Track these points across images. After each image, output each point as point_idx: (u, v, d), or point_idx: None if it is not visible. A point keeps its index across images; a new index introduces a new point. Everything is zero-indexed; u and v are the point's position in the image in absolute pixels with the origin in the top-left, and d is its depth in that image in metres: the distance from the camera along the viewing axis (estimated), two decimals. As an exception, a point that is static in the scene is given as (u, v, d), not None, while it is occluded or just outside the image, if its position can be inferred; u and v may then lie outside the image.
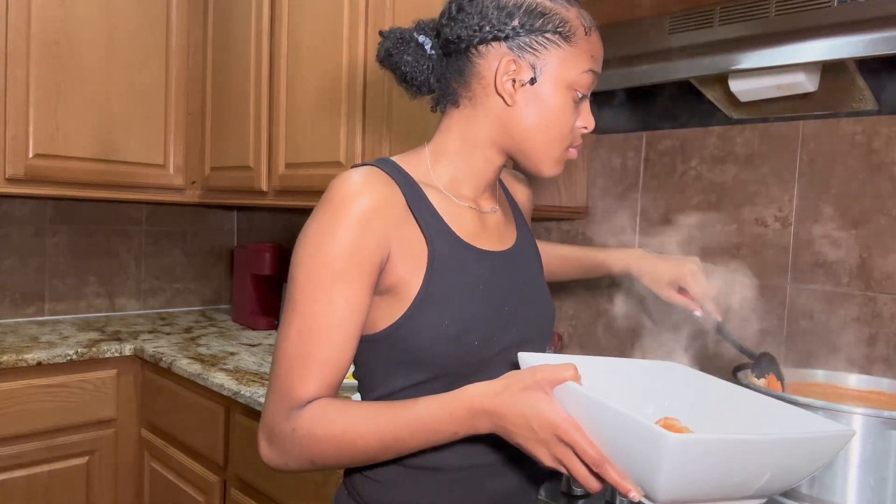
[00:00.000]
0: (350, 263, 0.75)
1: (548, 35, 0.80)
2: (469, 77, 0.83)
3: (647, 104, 1.53)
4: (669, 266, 1.10)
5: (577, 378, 0.65)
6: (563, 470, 0.66)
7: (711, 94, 1.32)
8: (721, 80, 1.22)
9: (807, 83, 1.12)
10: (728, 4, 1.12)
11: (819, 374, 1.16)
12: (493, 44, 0.80)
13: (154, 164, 2.32)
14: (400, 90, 1.62)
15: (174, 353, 1.96)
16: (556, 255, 1.21)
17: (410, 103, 1.61)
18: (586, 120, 0.85)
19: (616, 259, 1.16)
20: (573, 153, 0.86)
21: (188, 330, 2.35)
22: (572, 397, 0.64)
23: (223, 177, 2.27)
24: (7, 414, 1.83)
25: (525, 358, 0.75)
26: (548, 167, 0.85)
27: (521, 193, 1.04)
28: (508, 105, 0.82)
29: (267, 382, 0.80)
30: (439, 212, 0.83)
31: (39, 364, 1.88)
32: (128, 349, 2.06)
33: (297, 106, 1.95)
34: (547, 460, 0.66)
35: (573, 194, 1.62)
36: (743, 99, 1.22)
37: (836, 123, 1.27)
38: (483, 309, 0.82)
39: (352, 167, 0.83)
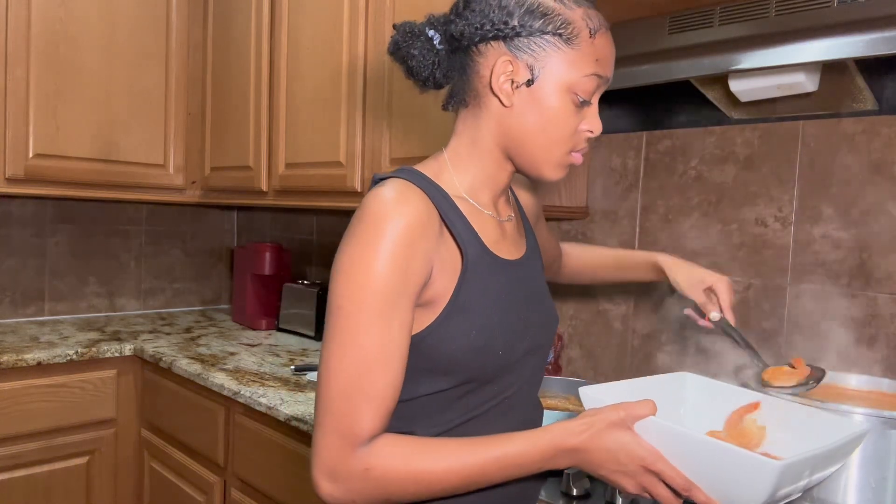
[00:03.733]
0: (399, 289, 0.73)
1: (547, 37, 0.78)
2: (471, 75, 0.83)
3: (647, 104, 1.52)
4: (706, 272, 1.15)
5: (655, 412, 0.71)
6: (646, 495, 0.73)
7: (711, 94, 1.32)
8: (721, 80, 1.22)
9: (807, 83, 1.12)
10: (728, 4, 1.12)
11: (819, 374, 1.16)
12: (492, 43, 0.80)
13: (154, 164, 2.32)
14: (400, 90, 1.63)
15: (174, 353, 1.96)
16: (601, 259, 1.27)
17: (411, 103, 1.61)
18: (592, 124, 0.83)
19: (662, 258, 1.20)
20: (577, 158, 0.85)
21: (188, 330, 2.35)
22: (656, 431, 0.70)
23: (223, 177, 2.27)
24: (7, 414, 1.83)
25: (587, 392, 0.82)
26: (549, 171, 0.84)
27: (526, 199, 1.04)
28: (505, 106, 0.81)
29: (312, 416, 0.79)
30: (469, 221, 0.83)
31: (39, 364, 1.88)
32: (128, 349, 2.06)
33: (297, 106, 1.95)
34: (632, 488, 0.73)
35: (573, 194, 1.62)
36: (743, 99, 1.22)
37: (836, 123, 1.27)
38: (505, 317, 0.83)
39: (378, 179, 0.82)
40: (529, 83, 0.79)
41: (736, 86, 1.19)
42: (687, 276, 1.15)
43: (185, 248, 2.77)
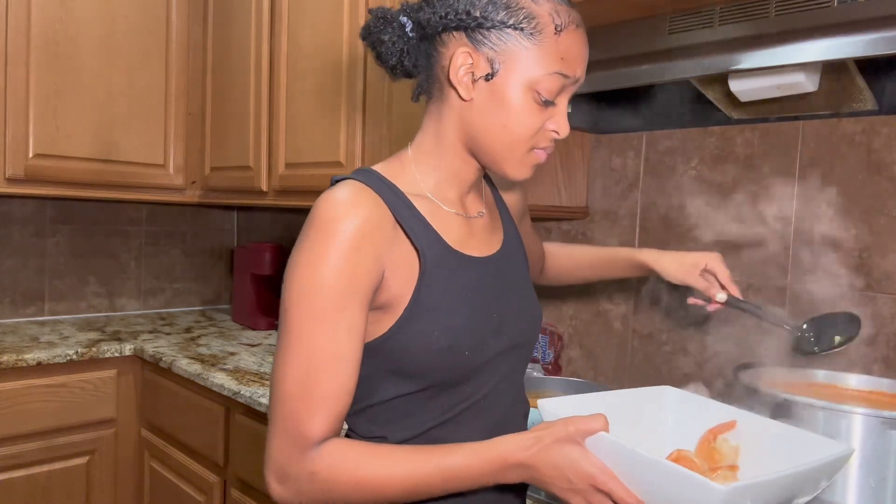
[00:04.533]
0: (347, 292, 0.73)
1: (509, 30, 0.75)
2: (434, 66, 0.81)
3: (647, 104, 1.52)
4: (693, 254, 1.11)
5: (606, 427, 0.67)
6: None
7: (711, 94, 1.32)
8: (721, 80, 1.22)
9: (807, 83, 1.12)
10: (728, 4, 1.12)
11: (819, 374, 1.16)
12: (454, 33, 0.77)
13: (154, 164, 2.32)
14: (400, 90, 1.63)
15: (174, 353, 1.96)
16: (583, 258, 1.22)
17: (411, 103, 1.60)
18: (558, 124, 0.79)
19: (645, 254, 1.15)
20: (540, 155, 0.81)
21: (188, 330, 2.35)
22: (607, 448, 0.67)
23: (223, 177, 2.27)
24: (7, 414, 1.83)
25: (545, 405, 0.77)
26: (511, 169, 0.81)
27: (510, 195, 1.01)
28: (464, 99, 0.79)
29: (268, 408, 0.79)
30: (428, 220, 0.80)
31: (39, 364, 1.88)
32: (128, 349, 2.06)
33: (297, 106, 1.94)
34: None
35: (573, 194, 1.62)
36: (743, 99, 1.22)
37: (836, 123, 1.27)
38: (473, 317, 0.81)
39: (333, 181, 0.80)
40: (489, 77, 0.76)
41: (736, 86, 1.19)
42: (678, 265, 1.11)
43: (185, 248, 2.77)
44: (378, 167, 0.84)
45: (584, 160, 1.64)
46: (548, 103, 0.77)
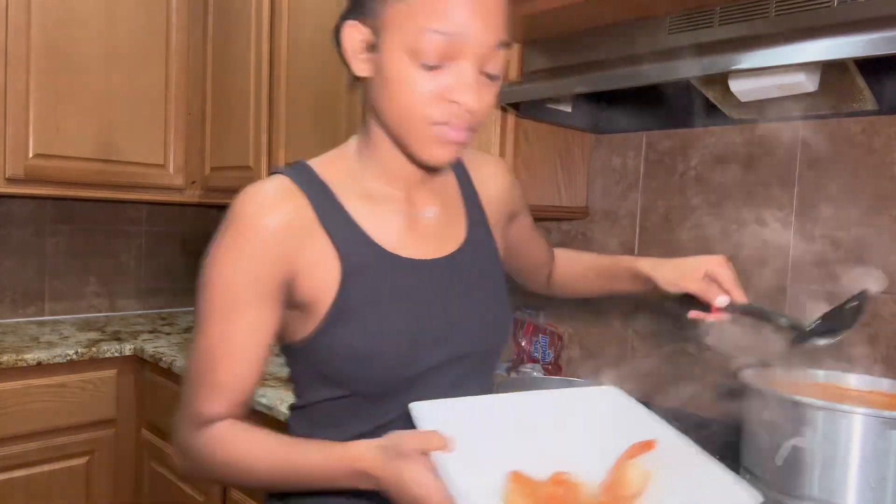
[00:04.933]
0: (248, 290, 0.73)
1: None
2: None
3: (647, 104, 1.52)
4: (695, 259, 0.98)
5: (443, 446, 0.63)
6: None
7: (711, 94, 1.32)
8: (721, 80, 1.22)
9: (807, 83, 1.12)
10: (728, 4, 1.12)
11: (819, 374, 1.16)
12: (350, 11, 0.74)
13: (154, 164, 2.32)
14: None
15: (174, 353, 1.96)
16: (589, 263, 1.12)
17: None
18: (458, 92, 0.68)
19: (643, 262, 1.02)
20: (445, 131, 0.71)
21: (188, 330, 2.35)
22: (438, 468, 0.63)
23: (223, 177, 2.27)
24: (7, 414, 1.83)
25: (416, 408, 0.69)
26: (419, 150, 0.73)
27: (493, 184, 0.91)
28: (360, 78, 0.75)
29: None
30: (358, 220, 0.76)
31: (39, 364, 1.88)
32: (128, 349, 2.06)
33: (298, 106, 1.94)
34: None
35: (573, 194, 1.62)
36: (743, 99, 1.21)
37: (836, 123, 1.27)
38: (405, 325, 0.76)
39: (270, 174, 0.79)
40: (372, 48, 0.71)
41: (736, 86, 1.18)
42: (674, 268, 0.97)
43: (185, 248, 2.77)
44: (315, 161, 0.81)
45: (584, 160, 1.64)
46: (430, 67, 0.68)
